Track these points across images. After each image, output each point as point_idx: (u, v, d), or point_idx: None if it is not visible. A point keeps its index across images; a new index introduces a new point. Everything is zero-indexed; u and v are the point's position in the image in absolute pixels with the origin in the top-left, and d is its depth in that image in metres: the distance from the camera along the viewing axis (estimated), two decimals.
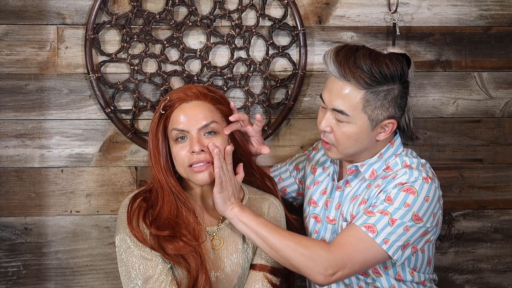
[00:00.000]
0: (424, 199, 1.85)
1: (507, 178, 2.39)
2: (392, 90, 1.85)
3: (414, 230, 1.83)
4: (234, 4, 2.28)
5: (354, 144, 1.89)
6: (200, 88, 1.92)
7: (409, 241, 1.84)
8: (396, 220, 1.81)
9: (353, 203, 1.95)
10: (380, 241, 1.81)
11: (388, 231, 1.81)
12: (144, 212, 1.87)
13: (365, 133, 1.87)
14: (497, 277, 2.41)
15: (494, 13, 2.35)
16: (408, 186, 1.85)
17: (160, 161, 1.89)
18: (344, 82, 1.84)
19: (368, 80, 1.82)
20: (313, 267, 1.80)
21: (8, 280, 2.28)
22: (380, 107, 1.85)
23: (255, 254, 1.95)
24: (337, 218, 2.00)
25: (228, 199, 1.86)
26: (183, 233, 1.84)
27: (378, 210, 1.83)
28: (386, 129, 1.90)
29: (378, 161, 1.95)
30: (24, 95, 2.25)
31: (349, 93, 1.84)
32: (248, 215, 1.86)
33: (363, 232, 1.81)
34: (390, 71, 1.83)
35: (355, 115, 1.85)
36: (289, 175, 2.23)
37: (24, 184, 2.27)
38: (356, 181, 1.99)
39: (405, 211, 1.82)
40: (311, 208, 2.09)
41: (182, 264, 1.83)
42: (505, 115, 2.38)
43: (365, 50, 1.86)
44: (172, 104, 1.89)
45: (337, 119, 1.87)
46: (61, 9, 2.24)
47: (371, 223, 1.82)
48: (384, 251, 1.81)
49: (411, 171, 1.88)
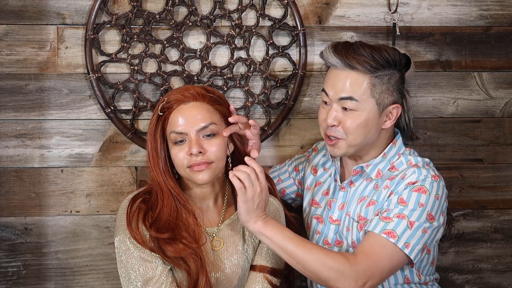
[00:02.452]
0: (435, 197, 1.86)
1: (507, 178, 2.39)
2: (394, 75, 1.91)
3: (430, 232, 1.85)
4: (234, 4, 2.28)
5: (363, 133, 1.90)
6: (198, 88, 1.91)
7: (427, 243, 1.86)
8: (414, 222, 1.82)
9: (361, 204, 1.95)
10: (402, 245, 1.80)
11: (408, 234, 1.81)
12: (143, 214, 1.86)
13: (373, 120, 1.90)
14: (497, 277, 2.41)
15: (494, 13, 2.35)
16: (419, 186, 1.86)
17: (158, 163, 1.88)
18: (349, 71, 1.88)
19: (372, 64, 1.87)
20: (343, 280, 1.76)
21: (8, 280, 2.28)
22: (386, 91, 1.90)
23: (255, 254, 1.95)
24: (340, 219, 2.00)
25: (252, 211, 1.81)
26: (183, 235, 1.83)
27: (395, 215, 1.83)
28: (390, 116, 1.93)
29: (383, 161, 1.96)
30: (24, 95, 2.25)
31: (355, 80, 1.88)
32: (272, 229, 1.81)
33: (385, 239, 1.81)
34: (390, 56, 1.89)
35: (364, 99, 1.88)
36: (288, 176, 2.23)
37: (24, 184, 2.27)
38: (361, 181, 1.99)
39: (420, 212, 1.83)
40: (313, 208, 2.08)
41: (182, 266, 1.82)
42: (505, 115, 2.38)
43: (360, 42, 1.93)
44: (170, 105, 1.88)
45: (345, 108, 1.89)
46: (61, 9, 2.24)
47: (390, 229, 1.81)
48: (406, 255, 1.81)
49: (419, 170, 1.89)
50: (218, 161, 1.86)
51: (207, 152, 1.84)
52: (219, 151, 1.86)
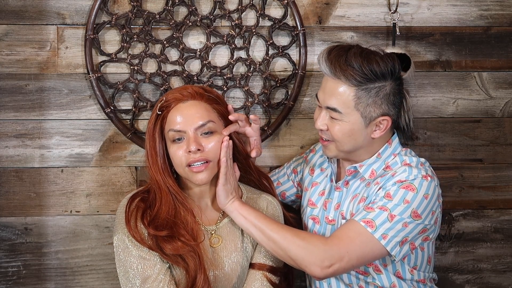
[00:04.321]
0: (423, 196, 1.86)
1: (507, 178, 2.39)
2: (384, 87, 1.89)
3: (413, 227, 1.85)
4: (234, 4, 2.28)
5: (349, 141, 1.92)
6: (196, 88, 1.92)
7: (407, 237, 1.85)
8: (395, 216, 1.83)
9: (353, 202, 1.97)
10: (379, 236, 1.82)
11: (386, 226, 1.82)
12: (142, 212, 1.87)
13: (359, 130, 1.90)
14: (497, 277, 2.41)
15: (494, 13, 2.35)
16: (407, 184, 1.87)
17: (157, 162, 1.89)
18: (336, 80, 1.88)
19: (358, 77, 1.85)
20: (310, 258, 1.81)
21: (8, 280, 2.28)
22: (373, 104, 1.88)
23: (254, 252, 1.95)
24: (336, 218, 2.00)
25: (230, 193, 1.89)
26: (181, 233, 1.84)
27: (378, 206, 1.85)
28: (380, 126, 1.92)
29: (377, 161, 1.96)
30: (24, 95, 2.25)
31: (341, 91, 1.88)
32: (248, 209, 1.89)
33: (362, 226, 1.83)
34: (381, 69, 1.87)
35: (348, 112, 1.88)
36: (287, 179, 2.24)
37: (24, 184, 2.27)
38: (355, 181, 2.00)
39: (404, 208, 1.84)
40: (309, 209, 2.09)
41: (181, 264, 1.83)
42: (505, 115, 2.38)
43: (357, 48, 1.90)
44: (168, 104, 1.89)
45: (331, 117, 1.91)
46: (61, 9, 2.24)
47: (370, 218, 1.83)
48: (383, 246, 1.82)
49: (410, 169, 1.89)
50: (215, 160, 1.88)
51: (205, 149, 1.86)
52: (217, 149, 1.87)
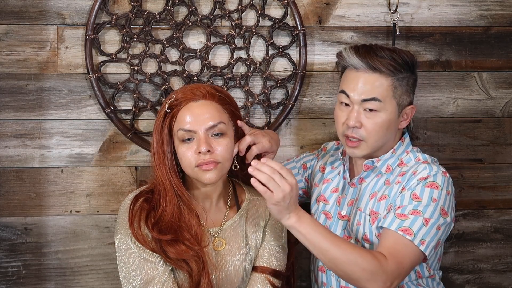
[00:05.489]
0: (446, 192, 1.89)
1: (507, 178, 2.39)
2: (411, 77, 1.96)
3: (443, 228, 1.87)
4: (234, 4, 2.28)
5: (385, 133, 1.94)
6: (207, 87, 1.88)
7: (440, 240, 1.88)
8: (429, 219, 1.84)
9: (373, 200, 1.97)
10: (418, 242, 1.82)
11: (423, 232, 1.83)
12: (146, 213, 1.83)
13: (393, 121, 1.94)
14: (497, 277, 2.41)
15: (494, 13, 2.35)
16: (430, 182, 1.89)
17: (164, 162, 1.85)
18: (372, 73, 1.91)
19: (392, 68, 1.90)
20: (374, 281, 1.76)
21: (8, 280, 2.28)
22: (405, 92, 1.94)
23: (257, 255, 1.94)
24: (349, 214, 2.01)
25: (285, 209, 1.74)
26: (185, 236, 1.81)
27: (410, 211, 1.85)
28: (405, 116, 1.98)
29: (392, 157, 2.00)
30: (24, 95, 2.25)
31: (379, 81, 1.91)
32: (306, 226, 1.76)
33: (402, 236, 1.82)
34: (409, 58, 1.94)
35: (387, 101, 1.91)
36: (296, 172, 2.24)
37: (24, 184, 2.27)
38: (372, 177, 2.01)
39: (433, 207, 1.86)
40: (321, 204, 2.10)
41: (184, 268, 1.80)
42: (505, 115, 2.38)
43: (377, 44, 1.97)
44: (178, 103, 1.85)
45: (368, 109, 1.92)
46: (61, 9, 2.24)
47: (406, 226, 1.83)
48: (422, 252, 1.83)
49: (430, 166, 1.92)
50: (225, 162, 1.84)
51: (215, 151, 1.82)
52: (226, 152, 1.84)
